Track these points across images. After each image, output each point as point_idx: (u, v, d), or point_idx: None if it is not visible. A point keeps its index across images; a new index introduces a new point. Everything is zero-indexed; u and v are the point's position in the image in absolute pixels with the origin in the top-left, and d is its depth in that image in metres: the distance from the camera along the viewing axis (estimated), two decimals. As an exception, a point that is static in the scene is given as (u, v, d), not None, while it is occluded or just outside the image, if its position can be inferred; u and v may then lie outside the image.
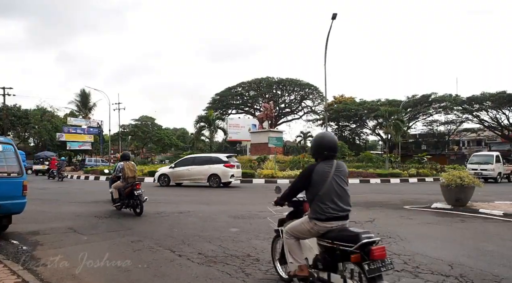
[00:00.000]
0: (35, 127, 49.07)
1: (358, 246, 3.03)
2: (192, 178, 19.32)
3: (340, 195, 3.45)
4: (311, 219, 3.47)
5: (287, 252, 3.70)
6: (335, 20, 24.04)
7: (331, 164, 3.51)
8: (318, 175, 3.45)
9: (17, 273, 4.60)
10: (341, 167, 3.57)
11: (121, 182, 10.00)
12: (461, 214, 9.60)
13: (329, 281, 3.33)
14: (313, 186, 3.47)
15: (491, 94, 44.04)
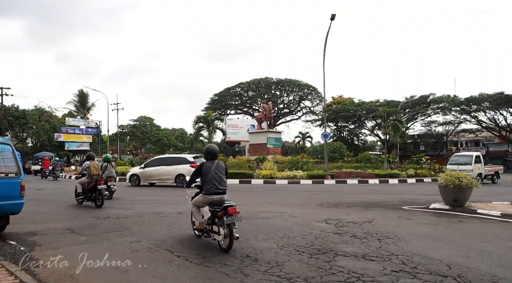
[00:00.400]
0: (33, 128, 48.98)
1: (222, 207, 5.76)
2: (160, 178, 19.77)
3: (218, 180, 6.07)
4: (203, 194, 6.16)
5: (193, 216, 6.67)
6: (334, 20, 24.11)
7: (213, 162, 6.15)
8: (205, 169, 6.08)
9: (15, 274, 4.59)
10: (220, 164, 6.24)
11: (86, 178, 11.53)
12: (459, 214, 9.61)
13: (212, 230, 6.00)
14: (203, 175, 6.10)
15: (489, 95, 44.16)
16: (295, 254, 5.55)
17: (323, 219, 8.73)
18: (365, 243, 6.27)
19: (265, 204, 12.05)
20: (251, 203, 12.50)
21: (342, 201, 12.82)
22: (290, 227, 7.77)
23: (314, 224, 8.13)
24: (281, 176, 23.82)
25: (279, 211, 10.21)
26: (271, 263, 5.10)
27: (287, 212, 10.00)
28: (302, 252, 5.66)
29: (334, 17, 23.97)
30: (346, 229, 7.53)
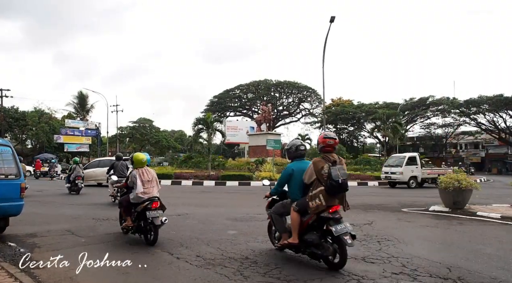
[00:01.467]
0: (33, 129, 48.88)
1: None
2: (96, 178, 21.23)
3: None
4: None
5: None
6: (333, 23, 24.17)
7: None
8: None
9: (15, 275, 4.58)
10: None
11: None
12: (459, 217, 9.62)
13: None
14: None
15: (488, 97, 44.26)
16: (294, 256, 5.55)
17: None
18: (365, 245, 6.27)
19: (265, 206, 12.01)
20: (250, 205, 12.51)
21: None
22: (290, 229, 7.76)
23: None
24: (281, 178, 23.81)
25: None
26: (271, 265, 5.10)
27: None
28: (302, 255, 5.65)
29: (334, 19, 24.05)
30: (346, 231, 7.52)
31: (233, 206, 12.41)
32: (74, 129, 45.82)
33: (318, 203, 4.80)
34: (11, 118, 47.13)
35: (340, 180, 4.73)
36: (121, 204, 7.23)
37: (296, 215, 5.10)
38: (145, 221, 6.45)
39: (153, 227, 6.28)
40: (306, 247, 5.04)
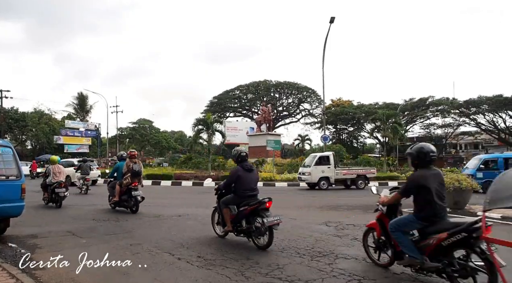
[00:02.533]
0: (33, 130, 48.95)
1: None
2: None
3: None
4: None
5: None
6: (333, 23, 24.22)
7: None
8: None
9: (16, 276, 4.59)
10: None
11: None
12: (459, 217, 9.60)
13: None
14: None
15: (488, 98, 44.30)
16: (295, 257, 5.56)
17: (323, 221, 8.74)
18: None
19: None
20: (251, 206, 12.52)
21: (342, 203, 12.83)
22: (291, 229, 7.77)
23: (314, 226, 8.14)
24: (281, 179, 23.84)
25: (279, 213, 10.16)
26: (272, 265, 5.11)
27: (287, 214, 9.98)
28: (303, 255, 5.67)
29: (334, 20, 24.11)
30: (347, 231, 7.54)
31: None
32: (74, 130, 45.84)
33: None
34: (11, 119, 47.17)
35: None
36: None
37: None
38: (54, 194, 11.89)
39: (59, 198, 11.76)
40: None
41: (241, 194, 6.44)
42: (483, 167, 19.10)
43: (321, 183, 20.06)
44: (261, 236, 6.06)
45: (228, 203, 6.54)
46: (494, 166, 18.78)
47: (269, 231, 5.95)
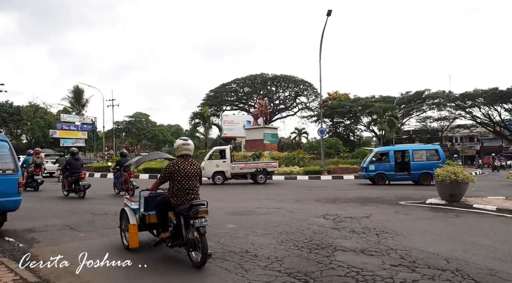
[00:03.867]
0: (28, 124, 48.69)
1: None
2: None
3: None
4: None
5: None
6: (330, 16, 24.12)
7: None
8: None
9: (15, 270, 4.58)
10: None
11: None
12: (455, 209, 9.69)
13: None
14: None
15: (484, 91, 44.49)
16: (294, 249, 5.59)
17: (321, 214, 8.78)
18: (364, 238, 6.31)
19: (263, 200, 12.08)
20: (249, 199, 12.56)
21: (339, 196, 12.89)
22: (289, 222, 7.80)
23: (312, 219, 8.18)
24: (278, 172, 23.85)
25: (277, 206, 10.25)
26: (271, 258, 5.13)
27: (285, 207, 10.04)
28: (302, 247, 5.69)
29: (330, 13, 24.00)
30: (344, 224, 7.58)
31: (231, 200, 12.43)
32: (70, 124, 45.54)
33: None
34: (6, 113, 46.91)
35: None
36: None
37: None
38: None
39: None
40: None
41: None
42: (375, 160, 19.61)
43: (216, 178, 19.48)
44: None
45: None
46: (386, 159, 19.31)
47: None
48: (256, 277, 4.35)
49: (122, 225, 6.06)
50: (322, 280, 4.24)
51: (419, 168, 18.34)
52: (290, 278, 4.32)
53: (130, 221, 5.67)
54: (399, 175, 18.82)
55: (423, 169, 18.14)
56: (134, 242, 5.56)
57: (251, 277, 4.35)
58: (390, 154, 19.11)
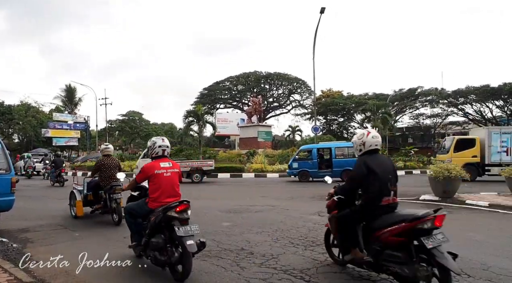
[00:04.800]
0: (20, 123, 48.16)
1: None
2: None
3: None
4: None
5: None
6: (324, 14, 24.15)
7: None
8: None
9: (9, 271, 4.55)
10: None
11: None
12: (448, 205, 9.78)
13: None
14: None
15: (476, 88, 44.81)
16: (290, 247, 5.61)
17: (315, 211, 8.81)
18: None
19: (257, 198, 12.11)
20: (243, 197, 12.57)
21: (334, 193, 12.92)
22: (283, 220, 7.83)
23: (307, 216, 8.21)
24: (272, 170, 23.92)
25: (272, 204, 10.27)
26: (267, 255, 5.14)
27: (280, 205, 10.07)
28: (297, 245, 5.72)
29: (324, 10, 24.03)
30: (339, 221, 7.61)
31: (225, 198, 12.44)
32: (63, 123, 45.24)
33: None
34: (-3, 112, 46.36)
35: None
36: None
37: None
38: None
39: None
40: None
41: None
42: (298, 157, 19.88)
43: None
44: None
45: None
46: (309, 156, 19.51)
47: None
48: (252, 275, 4.37)
49: (71, 202, 8.68)
50: (318, 277, 4.26)
51: (341, 165, 18.51)
52: (286, 275, 4.34)
53: (77, 198, 8.38)
54: (321, 172, 18.73)
55: (345, 166, 18.14)
56: (80, 211, 8.33)
57: (247, 275, 4.37)
58: (313, 152, 19.38)
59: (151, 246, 4.44)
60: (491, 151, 17.86)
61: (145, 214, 4.71)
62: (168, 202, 4.46)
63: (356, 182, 4.15)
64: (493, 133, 18.08)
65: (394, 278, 3.79)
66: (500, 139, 17.82)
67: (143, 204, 4.81)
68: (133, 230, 5.05)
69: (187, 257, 4.09)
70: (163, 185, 4.65)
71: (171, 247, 4.24)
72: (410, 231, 3.54)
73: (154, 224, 4.43)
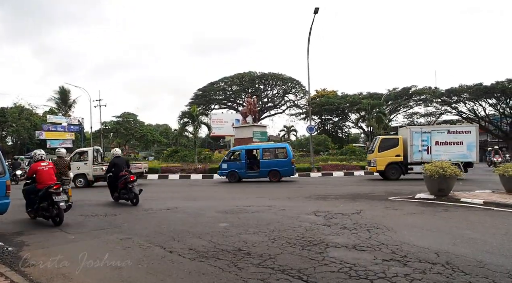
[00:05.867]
0: (13, 126, 47.77)
1: None
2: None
3: None
4: None
5: None
6: (318, 14, 24.21)
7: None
8: None
9: (5, 274, 4.52)
10: None
11: None
12: (444, 203, 9.84)
13: None
14: None
15: (469, 86, 45.15)
16: (287, 247, 5.61)
17: (312, 211, 8.83)
18: (355, 234, 6.37)
19: (254, 198, 12.11)
20: (240, 197, 12.56)
21: (329, 193, 12.97)
22: (280, 220, 7.83)
23: (304, 216, 8.22)
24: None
25: (268, 204, 10.28)
26: (264, 255, 5.15)
27: (276, 205, 10.07)
28: (294, 245, 5.72)
29: (318, 10, 24.09)
30: (336, 220, 7.64)
31: (221, 198, 12.42)
32: (57, 125, 44.85)
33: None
34: (-11, 115, 45.94)
35: None
36: None
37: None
38: None
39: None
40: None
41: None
42: (227, 159, 20.44)
43: (77, 180, 18.61)
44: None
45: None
46: (238, 157, 20.00)
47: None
48: (250, 275, 4.37)
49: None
50: (315, 277, 4.27)
51: (268, 165, 19.03)
52: (284, 275, 4.34)
53: None
54: (250, 173, 19.44)
55: (271, 167, 18.89)
56: None
57: (245, 275, 4.37)
58: (242, 153, 19.82)
59: (41, 209, 8.00)
60: (413, 150, 18.35)
61: (35, 192, 8.20)
62: (49, 184, 7.95)
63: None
64: (414, 132, 18.59)
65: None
66: (421, 138, 18.36)
67: (34, 187, 8.32)
68: (28, 202, 8.54)
69: (61, 212, 7.81)
70: (44, 175, 8.22)
71: (52, 207, 7.87)
72: None
73: (42, 196, 7.93)
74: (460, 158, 17.73)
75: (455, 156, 17.50)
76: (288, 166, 18.86)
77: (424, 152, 18.25)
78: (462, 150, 17.98)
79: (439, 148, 18.05)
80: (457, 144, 18.05)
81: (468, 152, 18.04)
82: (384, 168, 18.61)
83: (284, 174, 19.08)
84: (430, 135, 18.33)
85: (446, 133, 18.30)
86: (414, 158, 18.27)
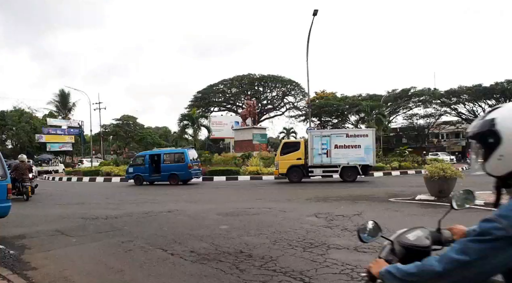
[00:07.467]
0: (13, 129, 47.83)
1: None
2: None
3: None
4: None
5: None
6: (316, 16, 24.28)
7: None
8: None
9: (7, 278, 4.53)
10: None
11: None
12: (444, 205, 9.82)
13: None
14: None
15: (468, 88, 45.26)
16: (288, 249, 5.62)
17: (313, 213, 8.83)
18: (356, 235, 6.36)
19: (254, 200, 12.11)
20: (240, 200, 12.56)
21: (330, 195, 12.98)
22: (281, 222, 7.84)
23: (305, 218, 8.23)
24: (268, 172, 23.89)
25: (269, 206, 10.28)
26: (266, 258, 5.15)
27: (277, 207, 10.08)
28: (295, 246, 5.73)
29: (317, 12, 24.16)
30: (337, 222, 7.65)
31: (222, 201, 12.42)
32: (57, 128, 44.97)
33: None
34: (-11, 118, 45.97)
35: None
36: None
37: None
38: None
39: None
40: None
41: None
42: (133, 163, 21.73)
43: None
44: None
45: None
46: (142, 162, 21.20)
47: None
48: (252, 277, 4.38)
49: None
50: (317, 278, 4.28)
51: (168, 169, 20.26)
52: (286, 277, 4.35)
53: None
54: (153, 176, 20.62)
55: (171, 171, 20.14)
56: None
57: (247, 278, 4.37)
58: (146, 158, 21.07)
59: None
60: (313, 153, 18.59)
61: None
62: (22, 176, 13.24)
63: None
64: (314, 136, 18.95)
65: None
66: (321, 142, 18.64)
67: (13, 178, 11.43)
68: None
69: (27, 192, 13.28)
70: (19, 171, 13.13)
71: (23, 188, 13.27)
72: None
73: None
74: (358, 161, 18.14)
75: (353, 159, 17.97)
76: (185, 170, 19.95)
77: (323, 155, 18.53)
78: (360, 153, 18.26)
79: (338, 151, 18.34)
80: (355, 147, 18.32)
81: (366, 155, 18.33)
82: (286, 171, 19.00)
83: (182, 178, 20.16)
84: (329, 138, 18.65)
85: (344, 137, 18.62)
86: (315, 161, 18.59)
